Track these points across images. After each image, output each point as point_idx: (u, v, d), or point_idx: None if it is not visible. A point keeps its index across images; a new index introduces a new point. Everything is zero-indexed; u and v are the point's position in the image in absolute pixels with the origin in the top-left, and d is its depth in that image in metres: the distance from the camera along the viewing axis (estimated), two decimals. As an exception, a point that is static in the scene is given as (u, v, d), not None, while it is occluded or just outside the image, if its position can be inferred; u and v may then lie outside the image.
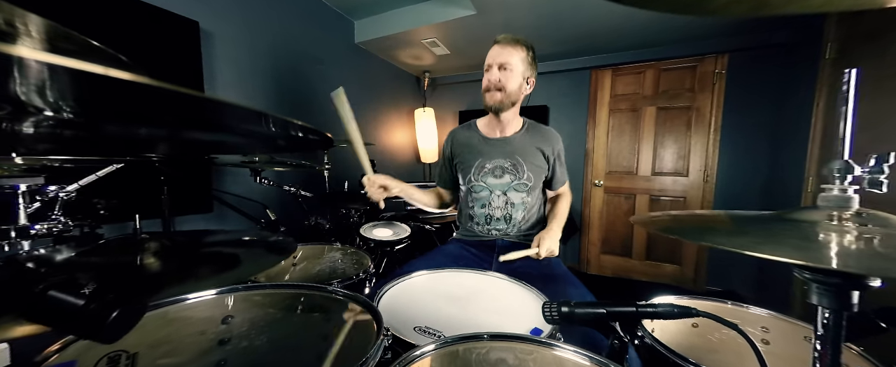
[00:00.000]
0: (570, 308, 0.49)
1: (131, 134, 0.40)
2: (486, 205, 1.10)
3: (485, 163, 1.10)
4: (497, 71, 1.02)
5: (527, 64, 1.03)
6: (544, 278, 0.89)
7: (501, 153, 1.09)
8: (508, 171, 1.08)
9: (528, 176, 1.08)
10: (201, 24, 1.46)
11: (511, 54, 1.01)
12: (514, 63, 1.01)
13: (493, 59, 1.03)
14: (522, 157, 1.08)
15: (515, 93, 1.04)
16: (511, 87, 1.02)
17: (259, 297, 0.65)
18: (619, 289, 2.63)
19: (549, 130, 1.13)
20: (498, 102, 1.04)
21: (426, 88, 3.34)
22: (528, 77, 1.05)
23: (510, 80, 1.02)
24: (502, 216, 1.09)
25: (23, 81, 0.18)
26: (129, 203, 0.72)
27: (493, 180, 1.09)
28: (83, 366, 0.42)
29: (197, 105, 0.27)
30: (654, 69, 2.61)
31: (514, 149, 1.09)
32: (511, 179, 1.08)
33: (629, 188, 2.76)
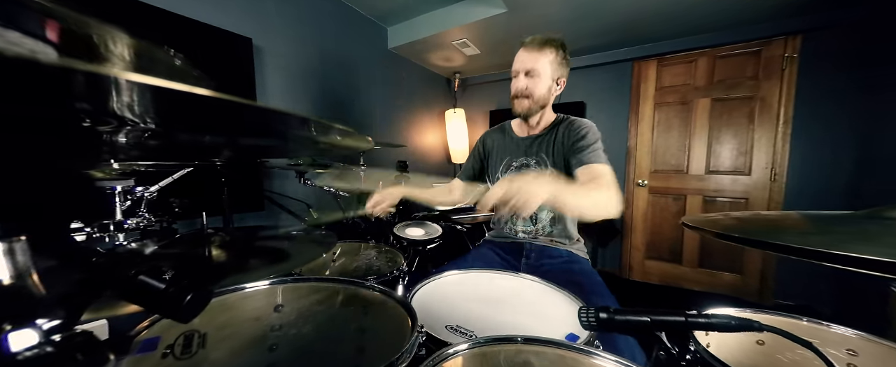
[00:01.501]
0: (610, 314, 0.46)
1: (199, 142, 0.46)
2: None
3: (512, 161, 1.10)
4: (524, 78, 0.99)
5: (556, 65, 0.99)
6: (573, 283, 0.85)
7: (528, 151, 1.08)
8: (533, 168, 1.06)
9: (552, 171, 1.03)
10: (254, 41, 1.62)
11: (537, 59, 0.97)
12: (541, 68, 0.97)
13: (520, 64, 1.00)
14: (548, 153, 1.05)
15: (544, 98, 1.01)
16: (539, 92, 1.00)
17: (304, 289, 0.70)
18: (667, 298, 2.42)
19: (581, 120, 1.05)
20: (526, 109, 1.02)
21: (457, 88, 3.36)
22: (559, 78, 1.01)
23: (538, 86, 0.99)
24: (528, 215, 1.04)
25: (118, 99, 0.22)
26: (197, 202, 0.82)
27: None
28: (165, 342, 0.49)
29: (253, 114, 0.31)
30: (708, 57, 2.35)
31: (541, 146, 1.06)
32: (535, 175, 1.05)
33: (678, 188, 2.52)
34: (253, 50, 1.62)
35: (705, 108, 2.39)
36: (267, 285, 0.65)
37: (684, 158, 2.48)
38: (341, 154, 1.98)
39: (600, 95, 2.75)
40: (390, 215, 1.05)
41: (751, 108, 2.24)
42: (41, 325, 0.16)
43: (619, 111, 2.69)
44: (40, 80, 0.15)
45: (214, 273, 0.47)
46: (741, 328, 0.40)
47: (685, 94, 2.45)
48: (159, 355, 0.48)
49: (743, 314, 0.58)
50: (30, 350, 0.15)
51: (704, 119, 2.40)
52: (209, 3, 1.50)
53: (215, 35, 1.49)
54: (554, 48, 0.98)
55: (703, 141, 2.41)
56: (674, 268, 2.55)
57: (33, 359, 0.15)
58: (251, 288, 0.64)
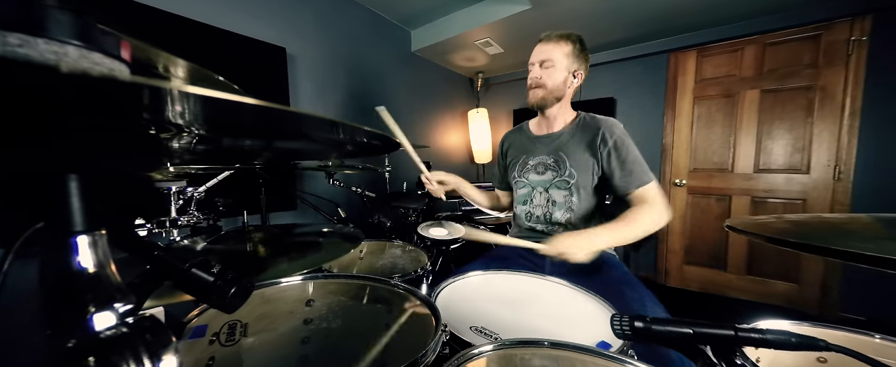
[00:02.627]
0: (646, 324, 0.43)
1: (239, 146, 0.50)
2: (527, 202, 1.08)
3: (529, 159, 1.09)
4: (538, 68, 1.01)
5: (572, 57, 0.99)
6: (608, 287, 0.81)
7: (546, 149, 1.06)
8: (550, 167, 1.04)
9: (570, 172, 1.00)
10: (287, 50, 1.72)
11: (553, 50, 0.99)
12: (556, 58, 0.98)
13: (535, 56, 1.01)
14: (566, 151, 1.02)
15: (558, 88, 1.00)
16: (552, 82, 0.99)
17: (333, 285, 0.73)
18: (709, 307, 2.24)
19: (603, 119, 1.01)
20: (539, 99, 1.02)
21: (479, 88, 3.34)
22: (575, 70, 1.01)
23: (551, 76, 0.99)
24: (542, 214, 1.05)
25: (173, 109, 0.25)
26: (239, 201, 0.89)
27: (534, 177, 1.07)
28: (212, 329, 0.53)
29: (289, 119, 0.33)
30: (757, 45, 2.15)
31: (559, 144, 1.04)
32: (553, 175, 1.03)
33: (722, 188, 2.32)
34: (287, 58, 1.72)
35: (753, 100, 2.19)
36: (299, 281, 0.69)
37: (729, 156, 2.29)
38: (368, 155, 2.04)
39: (632, 91, 2.61)
40: (424, 209, 1.09)
41: (809, 99, 2.02)
42: (118, 309, 0.18)
43: (653, 107, 2.53)
44: (117, 94, 0.17)
45: (254, 267, 0.51)
46: (803, 346, 0.35)
47: (729, 86, 2.26)
48: (207, 341, 0.53)
49: (801, 328, 0.52)
50: (109, 330, 0.17)
51: (752, 113, 2.19)
52: (249, 18, 1.61)
53: (255, 46, 1.60)
54: (570, 41, 0.99)
55: (751, 137, 2.21)
56: (717, 275, 2.36)
57: (112, 338, 0.17)
58: (286, 283, 0.68)
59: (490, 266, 0.87)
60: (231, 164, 0.90)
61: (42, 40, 0.15)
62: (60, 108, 0.16)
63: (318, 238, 0.68)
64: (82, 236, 0.19)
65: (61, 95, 0.15)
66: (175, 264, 0.30)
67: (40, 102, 0.15)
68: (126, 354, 0.16)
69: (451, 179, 1.10)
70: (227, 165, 0.91)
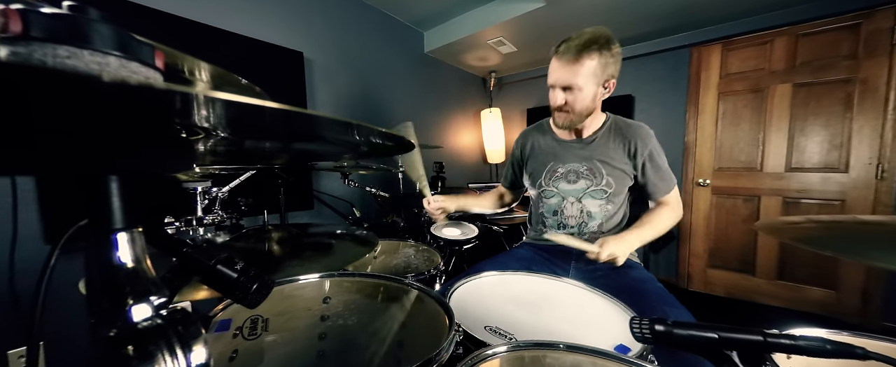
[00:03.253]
0: (667, 327, 0.41)
1: (260, 148, 0.52)
2: (558, 212, 1.02)
3: (557, 167, 1.02)
4: (561, 93, 0.89)
5: (601, 69, 0.86)
6: (630, 290, 0.79)
7: (577, 157, 1.00)
8: (584, 176, 0.98)
9: (607, 182, 0.96)
10: (305, 54, 1.77)
11: (574, 73, 0.85)
12: (582, 82, 0.86)
13: (554, 79, 0.89)
14: (601, 160, 0.97)
15: (588, 108, 0.92)
16: (580, 106, 0.90)
17: (348, 283, 0.75)
18: (736, 312, 2.13)
19: (636, 127, 0.97)
20: (568, 122, 0.95)
21: (492, 88, 3.32)
22: (607, 80, 0.89)
23: (578, 100, 0.89)
24: (577, 225, 1.00)
25: (198, 113, 0.26)
26: (259, 201, 0.92)
27: (566, 186, 1.01)
28: (235, 323, 0.56)
29: (307, 121, 0.34)
30: (788, 36, 2.03)
31: (592, 152, 0.98)
32: (587, 184, 0.98)
33: (749, 188, 2.21)
34: (304, 62, 1.77)
35: (785, 95, 2.07)
36: (317, 278, 0.71)
37: (757, 154, 2.17)
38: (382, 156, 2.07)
39: (651, 88, 2.53)
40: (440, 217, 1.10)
41: (847, 92, 1.89)
42: (153, 301, 0.20)
43: (674, 104, 2.44)
44: (152, 100, 0.18)
45: (275, 264, 0.53)
46: (839, 354, 0.33)
47: (758, 80, 2.14)
48: (231, 334, 0.55)
49: (838, 336, 0.49)
50: (146, 321, 0.18)
51: (784, 108, 2.07)
52: (268, 24, 1.67)
53: (274, 51, 1.66)
54: (596, 52, 0.84)
55: (783, 133, 2.08)
56: (744, 279, 2.24)
57: (148, 328, 0.18)
58: (304, 280, 0.70)
59: (506, 267, 0.86)
60: (252, 165, 0.94)
61: (87, 52, 0.17)
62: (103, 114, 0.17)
63: (333, 240, 0.70)
64: (122, 233, 0.20)
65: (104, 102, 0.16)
66: (202, 260, 0.32)
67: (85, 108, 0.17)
68: (161, 344, 0.18)
69: (451, 203, 1.07)
70: (249, 165, 0.95)
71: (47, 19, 0.16)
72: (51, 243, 1.10)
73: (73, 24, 0.17)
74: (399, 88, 2.46)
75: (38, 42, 0.16)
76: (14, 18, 0.15)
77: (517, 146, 1.17)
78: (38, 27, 0.16)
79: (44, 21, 0.16)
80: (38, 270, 0.30)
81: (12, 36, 0.16)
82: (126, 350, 0.17)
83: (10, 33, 0.16)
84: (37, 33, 0.16)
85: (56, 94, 0.15)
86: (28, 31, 0.16)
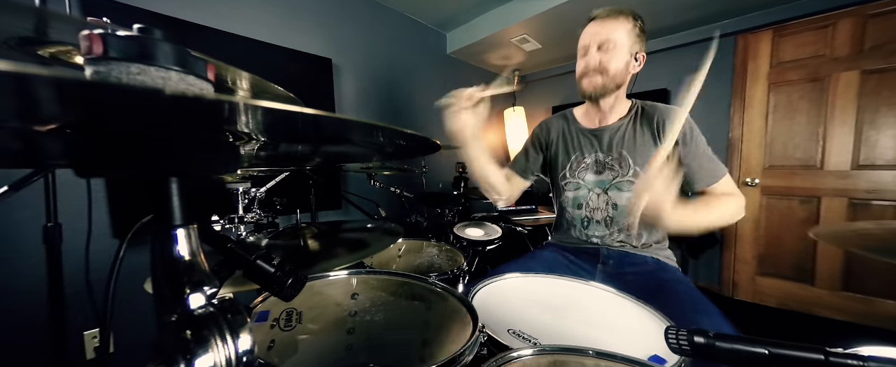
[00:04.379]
0: (709, 339, 0.38)
1: (293, 151, 0.56)
2: (583, 205, 0.96)
3: (582, 157, 0.96)
4: (596, 52, 0.86)
5: (634, 37, 0.85)
6: (665, 297, 0.74)
7: (601, 145, 0.93)
8: (609, 166, 0.92)
9: (634, 171, 0.88)
10: (333, 60, 1.85)
11: (613, 29, 0.84)
12: (618, 38, 0.84)
13: (589, 38, 0.87)
14: (628, 148, 0.89)
15: (620, 73, 0.86)
16: (615, 67, 0.85)
17: (374, 281, 0.77)
18: (791, 326, 1.93)
19: (665, 109, 0.89)
20: (599, 87, 0.87)
21: (516, 86, 3.28)
22: (637, 52, 0.87)
23: (614, 59, 0.85)
24: (603, 219, 0.93)
25: (241, 119, 0.29)
26: (293, 201, 0.98)
27: (591, 177, 0.95)
28: (273, 315, 0.60)
29: (335, 124, 0.36)
30: (854, 18, 1.81)
31: (619, 140, 0.91)
32: (613, 175, 0.91)
33: (807, 188, 1.99)
34: (332, 68, 1.85)
35: (850, 84, 1.84)
36: (345, 275, 0.74)
37: (816, 150, 1.95)
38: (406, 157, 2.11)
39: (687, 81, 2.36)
40: (446, 185, 0.90)
41: (930, 79, 1.65)
42: (206, 291, 0.22)
43: (716, 97, 2.25)
44: (204, 110, 0.20)
45: (308, 260, 0.56)
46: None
47: (817, 68, 1.93)
48: (269, 325, 0.59)
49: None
50: (201, 309, 0.20)
51: (849, 98, 1.85)
52: (300, 33, 1.77)
53: (305, 59, 1.76)
54: (631, 17, 0.85)
55: (848, 127, 1.86)
56: (801, 289, 2.02)
57: (203, 315, 0.20)
58: (333, 276, 0.73)
59: (530, 269, 0.84)
60: (286, 166, 1.00)
61: (153, 68, 0.19)
62: (165, 121, 0.19)
63: (363, 234, 0.72)
64: (180, 229, 0.23)
65: (166, 111, 0.18)
66: (244, 255, 0.34)
67: (152, 117, 0.19)
68: (213, 330, 0.19)
69: (473, 129, 0.84)
70: (283, 167, 1.01)
71: (122, 41, 0.19)
72: (118, 238, 1.24)
73: (142, 44, 0.19)
74: (422, 89, 2.49)
75: (115, 61, 0.18)
76: (97, 42, 0.18)
77: (540, 130, 1.08)
78: (115, 48, 0.18)
79: (119, 43, 0.18)
80: (109, 261, 0.35)
81: (95, 57, 0.18)
82: (185, 334, 0.19)
83: (94, 55, 0.18)
84: (114, 54, 0.18)
85: (128, 105, 0.18)
86: (107, 52, 0.18)
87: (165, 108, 0.18)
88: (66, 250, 0.82)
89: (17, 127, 0.19)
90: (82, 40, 0.18)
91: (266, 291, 0.53)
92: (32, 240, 0.96)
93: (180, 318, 0.20)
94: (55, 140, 0.18)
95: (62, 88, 0.14)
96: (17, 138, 0.23)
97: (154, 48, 0.19)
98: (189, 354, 0.19)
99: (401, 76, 2.34)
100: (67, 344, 0.84)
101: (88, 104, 0.16)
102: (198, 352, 0.19)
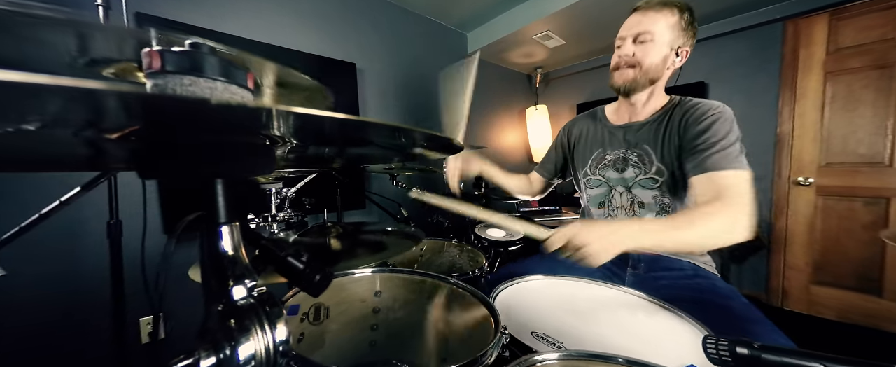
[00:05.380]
0: (753, 350, 0.35)
1: (321, 153, 0.58)
2: (606, 204, 0.93)
3: (605, 154, 0.93)
4: (631, 44, 0.82)
5: (678, 31, 0.80)
6: (703, 304, 0.69)
7: (626, 142, 0.89)
8: (632, 162, 0.87)
9: (657, 169, 0.83)
10: (357, 65, 1.91)
11: (654, 21, 0.79)
12: (658, 31, 0.79)
13: (627, 30, 0.83)
14: (653, 144, 0.84)
15: (655, 68, 0.81)
16: (650, 61, 0.80)
17: (397, 279, 0.79)
18: (853, 341, 1.73)
19: (703, 106, 0.81)
20: (629, 80, 0.83)
21: (538, 84, 3.20)
22: (680, 47, 0.81)
23: (649, 52, 0.80)
24: (627, 217, 0.89)
25: (274, 124, 0.31)
26: (320, 201, 1.02)
27: (613, 174, 0.91)
28: (302, 309, 0.63)
29: (359, 127, 0.37)
30: (932, -6, 1.59)
31: (644, 135, 0.86)
32: (635, 172, 0.87)
33: (873, 188, 1.78)
34: (356, 72, 1.92)
35: (926, 71, 1.63)
36: (369, 273, 0.76)
37: (885, 146, 1.74)
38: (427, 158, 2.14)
39: (730, 72, 2.18)
40: (467, 184, 1.02)
41: None
42: (247, 284, 0.24)
43: (761, 90, 2.08)
44: (244, 116, 0.22)
45: (334, 258, 0.58)
46: None
47: (884, 53, 1.72)
48: (299, 318, 0.62)
49: None
50: (242, 300, 0.22)
51: (924, 88, 1.63)
52: (326, 39, 1.85)
53: (331, 64, 1.83)
54: (676, 8, 0.79)
55: (923, 120, 1.64)
56: (866, 301, 1.81)
57: (245, 306, 0.22)
58: (358, 274, 0.76)
59: (554, 271, 0.82)
60: (314, 168, 1.05)
61: (202, 79, 0.21)
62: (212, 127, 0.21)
63: (383, 236, 0.74)
64: (225, 226, 0.25)
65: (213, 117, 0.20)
66: (276, 252, 0.37)
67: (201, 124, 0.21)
68: (253, 320, 0.21)
69: (474, 164, 0.98)
70: (311, 169, 1.06)
71: (176, 56, 0.21)
72: (168, 233, 1.36)
73: (193, 58, 0.21)
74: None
75: (170, 74, 0.20)
76: (156, 58, 0.20)
77: (564, 132, 1.09)
78: (171, 63, 0.20)
79: (174, 58, 0.20)
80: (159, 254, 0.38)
81: (154, 71, 0.20)
82: (229, 323, 0.21)
83: (153, 69, 0.20)
84: (170, 68, 0.20)
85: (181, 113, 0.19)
86: (164, 66, 0.20)
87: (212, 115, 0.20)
88: (123, 244, 0.92)
89: (91, 135, 0.21)
90: (144, 57, 0.21)
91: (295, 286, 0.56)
92: (97, 236, 1.08)
93: (225, 308, 0.22)
94: (122, 146, 0.21)
95: (129, 101, 0.16)
96: (89, 145, 0.26)
97: (202, 61, 0.21)
98: (233, 341, 0.20)
99: (422, 78, 2.37)
100: (126, 329, 0.93)
101: (150, 113, 0.18)
102: (241, 340, 0.21)
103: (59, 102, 0.15)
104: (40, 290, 1.13)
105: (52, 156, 0.30)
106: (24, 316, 1.10)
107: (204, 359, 0.20)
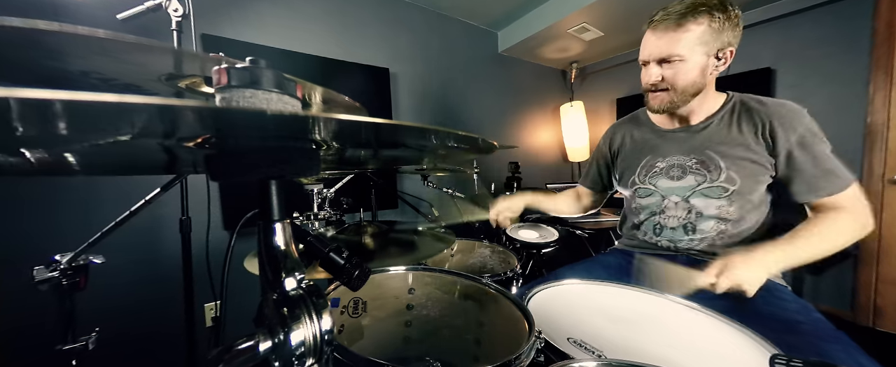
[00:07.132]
0: None
1: (357, 155, 0.62)
2: (657, 213, 0.87)
3: (656, 161, 0.86)
4: (656, 68, 0.75)
5: (710, 38, 0.70)
6: (770, 318, 0.62)
7: (683, 148, 0.82)
8: (692, 170, 0.80)
9: (728, 176, 0.76)
10: (390, 70, 1.98)
11: (674, 42, 0.71)
12: (684, 51, 0.71)
13: (647, 54, 0.76)
14: (717, 149, 0.77)
15: (693, 85, 0.75)
16: (684, 81, 0.74)
17: (430, 278, 0.80)
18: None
19: (774, 105, 0.74)
20: (666, 103, 0.77)
21: (574, 80, 3.06)
22: (720, 49, 0.71)
23: (680, 73, 0.73)
24: (681, 226, 0.82)
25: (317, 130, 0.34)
26: (357, 200, 1.08)
27: (666, 183, 0.84)
28: (343, 303, 0.67)
29: (394, 130, 0.39)
30: None
31: (704, 140, 0.79)
32: (697, 180, 0.80)
33: None
34: (389, 76, 1.99)
35: None
36: (403, 271, 0.78)
37: None
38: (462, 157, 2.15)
39: (804, 55, 1.91)
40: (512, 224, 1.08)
41: None
42: (297, 276, 0.26)
43: (845, 73, 1.79)
44: (294, 124, 0.24)
45: (370, 255, 0.61)
46: None
47: None
48: (339, 311, 0.66)
49: None
50: (294, 291, 0.25)
51: None
52: (361, 47, 1.94)
53: (366, 70, 1.92)
54: (705, 15, 0.69)
55: None
56: None
57: (295, 296, 0.24)
58: (392, 271, 0.79)
59: (592, 275, 0.78)
60: (351, 169, 1.11)
61: (261, 91, 0.23)
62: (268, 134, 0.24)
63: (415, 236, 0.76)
64: (278, 223, 0.27)
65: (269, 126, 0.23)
66: (320, 248, 0.39)
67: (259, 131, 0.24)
68: (303, 309, 0.23)
69: (517, 201, 1.03)
70: (348, 170, 1.12)
71: (239, 71, 0.23)
72: (228, 229, 1.53)
73: (252, 73, 0.23)
74: (474, 90, 2.51)
75: (235, 88, 0.23)
76: (222, 74, 0.23)
77: (605, 141, 1.03)
78: (235, 78, 0.23)
79: (237, 73, 0.23)
80: (220, 247, 0.43)
81: (221, 86, 0.23)
82: (283, 311, 0.23)
83: (220, 85, 0.23)
84: (234, 82, 0.23)
85: (244, 124, 0.22)
86: (230, 81, 0.23)
87: (268, 123, 0.22)
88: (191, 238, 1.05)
89: (172, 144, 0.25)
90: (213, 74, 0.24)
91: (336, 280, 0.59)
92: (170, 230, 1.24)
93: (279, 297, 0.25)
94: (196, 152, 0.24)
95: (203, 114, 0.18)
96: (168, 152, 0.30)
97: (260, 75, 0.23)
98: (286, 328, 0.23)
99: (453, 79, 2.39)
100: (194, 314, 1.06)
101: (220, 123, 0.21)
102: (293, 327, 0.23)
103: (148, 116, 0.17)
104: (128, 276, 1.33)
105: (139, 162, 0.35)
106: (118, 296, 1.30)
107: (262, 342, 0.22)
